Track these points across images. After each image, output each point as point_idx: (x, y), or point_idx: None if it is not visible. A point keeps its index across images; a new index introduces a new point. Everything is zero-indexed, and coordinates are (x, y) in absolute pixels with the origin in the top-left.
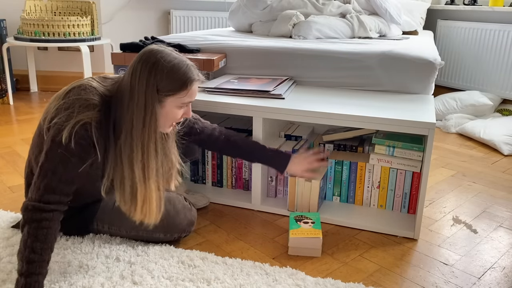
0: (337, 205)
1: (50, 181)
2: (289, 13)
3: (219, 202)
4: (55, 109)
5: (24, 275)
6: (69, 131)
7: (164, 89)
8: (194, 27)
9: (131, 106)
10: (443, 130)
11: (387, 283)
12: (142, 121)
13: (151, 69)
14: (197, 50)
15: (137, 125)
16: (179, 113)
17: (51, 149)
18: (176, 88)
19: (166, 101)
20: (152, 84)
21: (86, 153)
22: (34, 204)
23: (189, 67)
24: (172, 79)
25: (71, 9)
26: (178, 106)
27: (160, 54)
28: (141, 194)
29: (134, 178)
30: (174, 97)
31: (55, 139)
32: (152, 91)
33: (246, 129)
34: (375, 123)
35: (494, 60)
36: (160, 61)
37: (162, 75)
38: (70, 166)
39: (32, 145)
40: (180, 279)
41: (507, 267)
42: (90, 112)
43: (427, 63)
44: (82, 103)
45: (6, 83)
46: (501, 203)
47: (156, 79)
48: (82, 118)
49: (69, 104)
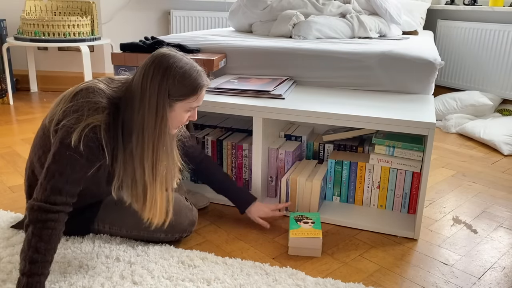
0: (337, 205)
1: (57, 182)
2: (289, 13)
3: (219, 202)
4: (63, 112)
5: (27, 275)
6: (78, 134)
7: (176, 94)
8: (194, 27)
9: (142, 108)
10: (443, 130)
11: (387, 283)
12: (154, 123)
13: (164, 73)
14: (197, 50)
15: (148, 127)
16: (186, 116)
17: (59, 151)
18: (187, 94)
19: (176, 105)
20: (164, 88)
21: (95, 156)
22: (40, 205)
23: (200, 73)
24: (184, 84)
25: (71, 9)
26: (186, 110)
27: (172, 59)
28: (150, 194)
29: (144, 178)
30: (184, 102)
31: (64, 141)
32: (164, 95)
33: (246, 129)
34: (375, 123)
35: (494, 60)
36: (173, 66)
37: (174, 80)
38: (78, 168)
39: (34, 146)
40: (180, 279)
41: (507, 267)
42: (100, 115)
43: (427, 63)
44: (91, 106)
45: (6, 83)
46: (501, 203)
47: (168, 84)
48: (92, 121)
49: (78, 107)
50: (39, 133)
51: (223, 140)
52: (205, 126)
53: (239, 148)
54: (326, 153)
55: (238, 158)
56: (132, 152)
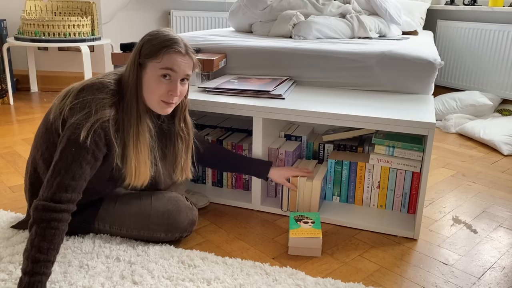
0: (337, 205)
1: (63, 179)
2: (289, 13)
3: (219, 202)
4: (69, 109)
5: (29, 274)
6: (87, 130)
7: (144, 52)
8: (194, 27)
9: (125, 75)
10: (443, 130)
11: (387, 283)
12: (128, 83)
13: (142, 39)
14: (197, 50)
15: (128, 91)
16: (162, 85)
17: (66, 148)
18: (153, 52)
19: (147, 65)
20: (138, 50)
21: (101, 151)
22: (45, 204)
23: (173, 38)
24: (152, 44)
25: (71, 9)
26: (158, 76)
27: (156, 30)
28: (129, 156)
29: (128, 139)
30: (152, 62)
31: (71, 138)
32: (136, 54)
33: (246, 129)
34: (375, 123)
35: (494, 60)
36: (152, 33)
37: (147, 41)
38: (84, 163)
39: (36, 142)
40: (180, 279)
41: (507, 267)
42: (107, 110)
43: (427, 63)
44: (98, 102)
45: (7, 83)
46: (501, 203)
47: (142, 45)
48: (100, 117)
49: (85, 104)
50: (41, 129)
51: (223, 140)
52: (205, 126)
53: (239, 148)
54: (326, 153)
55: None
56: (124, 126)
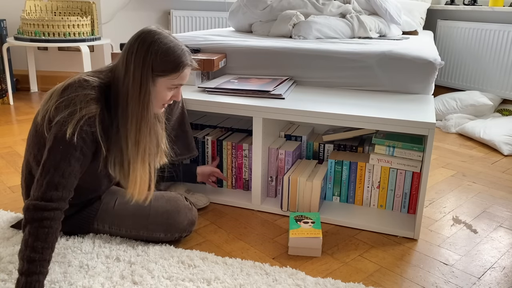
0: (337, 205)
1: (52, 177)
2: (289, 13)
3: (219, 202)
4: (55, 108)
5: (25, 274)
6: (73, 127)
7: (158, 69)
8: (194, 27)
9: (127, 82)
10: (443, 130)
11: (387, 283)
12: (137, 97)
13: (148, 48)
14: (197, 50)
15: (132, 101)
16: (168, 94)
17: (53, 146)
18: (169, 70)
19: (158, 81)
20: (148, 62)
21: (88, 148)
22: (36, 204)
23: (184, 52)
24: (166, 60)
25: (71, 9)
26: (168, 88)
27: (158, 35)
28: (133, 169)
29: (128, 152)
30: (165, 78)
31: (57, 135)
32: (148, 69)
33: (246, 129)
34: (375, 123)
35: (494, 60)
36: (157, 42)
37: (157, 55)
38: (73, 160)
39: (29, 145)
40: (180, 279)
41: (507, 267)
42: (93, 106)
43: (427, 63)
44: (82, 99)
45: (6, 83)
46: (501, 203)
47: (152, 58)
48: (86, 113)
49: (69, 102)
50: (32, 131)
51: (223, 140)
52: (205, 126)
53: (239, 148)
54: (326, 153)
55: (238, 158)
56: (119, 130)
